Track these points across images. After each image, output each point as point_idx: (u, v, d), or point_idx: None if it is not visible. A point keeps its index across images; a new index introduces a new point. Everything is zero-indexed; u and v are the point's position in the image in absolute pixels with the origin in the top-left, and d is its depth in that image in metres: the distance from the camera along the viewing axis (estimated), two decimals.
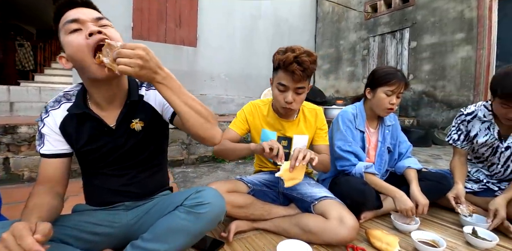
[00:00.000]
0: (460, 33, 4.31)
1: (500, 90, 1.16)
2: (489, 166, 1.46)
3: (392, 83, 1.31)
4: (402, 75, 1.34)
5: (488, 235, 1.13)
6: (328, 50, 6.48)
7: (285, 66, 1.09)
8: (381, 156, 1.46)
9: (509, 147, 1.34)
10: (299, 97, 1.17)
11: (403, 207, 1.19)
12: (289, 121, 1.32)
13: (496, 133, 1.36)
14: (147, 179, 0.98)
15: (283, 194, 1.35)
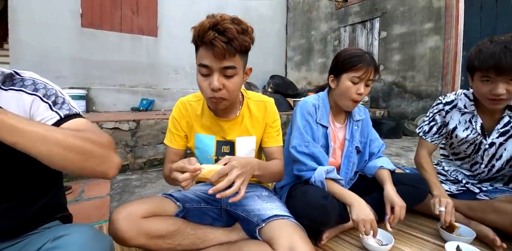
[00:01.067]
0: (428, 23, 4.23)
1: (478, 62, 1.00)
2: (471, 165, 1.26)
3: (358, 68, 1.05)
4: (371, 58, 1.08)
5: None
6: (300, 41, 6.25)
7: (201, 38, 0.78)
8: (348, 157, 1.21)
9: (494, 143, 1.15)
10: (230, 82, 0.84)
11: (360, 217, 0.94)
12: (229, 120, 1.01)
13: (479, 127, 1.16)
14: (10, 212, 0.65)
15: (226, 211, 1.05)
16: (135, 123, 2.25)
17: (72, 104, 0.68)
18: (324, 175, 1.03)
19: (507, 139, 1.12)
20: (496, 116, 1.13)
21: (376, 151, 1.27)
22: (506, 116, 1.11)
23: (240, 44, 0.79)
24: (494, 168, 1.19)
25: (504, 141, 1.13)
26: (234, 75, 0.84)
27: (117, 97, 4.44)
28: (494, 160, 1.17)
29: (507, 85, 0.97)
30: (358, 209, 0.96)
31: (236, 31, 0.78)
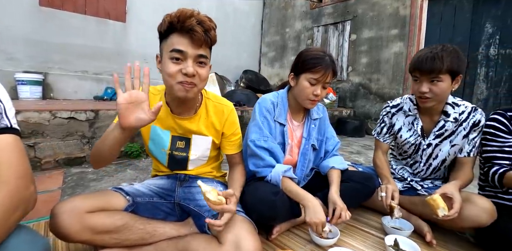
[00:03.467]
0: (394, 29, 4.47)
1: (411, 64, 1.16)
2: (411, 164, 1.38)
3: (317, 70, 1.08)
4: (331, 60, 1.12)
5: (410, 246, 1.00)
6: (274, 37, 6.27)
7: (181, 24, 0.80)
8: (304, 155, 1.25)
9: (431, 144, 1.26)
10: (203, 70, 0.86)
11: (313, 220, 0.99)
12: (184, 118, 1.00)
13: (419, 129, 1.27)
14: None
15: (179, 205, 1.05)
16: (93, 113, 2.13)
17: (8, 113, 0.59)
18: (281, 176, 1.06)
19: (442, 141, 1.24)
20: (434, 119, 1.25)
21: (330, 149, 1.32)
22: (442, 120, 1.22)
23: (213, 38, 0.86)
24: (431, 167, 1.31)
25: (439, 142, 1.25)
26: (206, 64, 0.88)
27: (78, 84, 4.15)
28: (431, 160, 1.29)
29: (430, 85, 1.10)
30: (312, 211, 1.00)
31: (209, 27, 0.84)
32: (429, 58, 1.07)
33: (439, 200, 0.99)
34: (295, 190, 1.07)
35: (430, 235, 1.12)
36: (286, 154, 1.24)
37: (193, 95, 0.89)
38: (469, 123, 1.18)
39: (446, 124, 1.22)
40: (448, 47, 1.08)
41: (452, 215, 0.97)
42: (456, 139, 1.21)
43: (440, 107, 1.21)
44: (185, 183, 1.10)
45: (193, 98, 0.93)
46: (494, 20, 3.82)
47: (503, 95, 3.71)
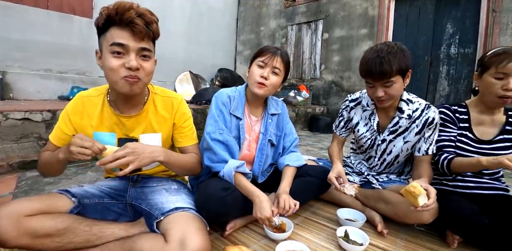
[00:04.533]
0: (364, 29, 4.62)
1: (360, 67, 1.17)
2: (368, 158, 1.43)
3: (264, 54, 1.14)
4: (283, 52, 1.17)
5: (360, 237, 1.04)
6: (249, 35, 6.28)
7: (119, 16, 0.78)
8: (261, 150, 1.26)
9: (385, 140, 1.30)
10: (147, 63, 0.85)
11: (258, 215, 1.00)
12: (131, 116, 0.97)
13: (375, 124, 1.31)
14: None
15: (131, 205, 1.02)
16: (50, 113, 2.02)
17: None
18: (233, 172, 1.06)
19: (396, 137, 1.27)
20: (389, 115, 1.28)
21: (288, 145, 1.34)
22: (396, 117, 1.25)
23: (155, 31, 0.85)
24: (385, 162, 1.35)
25: (393, 138, 1.28)
26: (150, 58, 0.86)
27: (42, 83, 3.92)
28: (385, 155, 1.33)
29: (384, 88, 1.11)
30: (259, 207, 1.00)
31: (151, 20, 0.83)
32: (377, 64, 1.06)
33: (419, 187, 0.96)
34: (245, 186, 1.07)
35: (381, 225, 1.16)
36: (244, 149, 1.25)
37: (139, 90, 0.87)
38: (421, 121, 1.21)
39: (400, 120, 1.24)
40: (393, 48, 1.08)
41: (430, 204, 0.96)
42: (409, 135, 1.24)
43: (395, 103, 1.25)
44: (138, 184, 1.07)
45: (138, 93, 0.91)
46: (454, 21, 4.05)
47: (463, 91, 3.95)
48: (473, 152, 1.14)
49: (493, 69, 1.05)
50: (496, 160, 0.94)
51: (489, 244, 1.00)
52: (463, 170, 1.12)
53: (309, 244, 1.04)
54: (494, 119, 1.16)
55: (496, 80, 1.05)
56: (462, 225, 1.01)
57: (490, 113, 1.16)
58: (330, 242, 1.07)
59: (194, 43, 5.56)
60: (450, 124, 1.20)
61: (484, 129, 1.17)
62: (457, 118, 1.20)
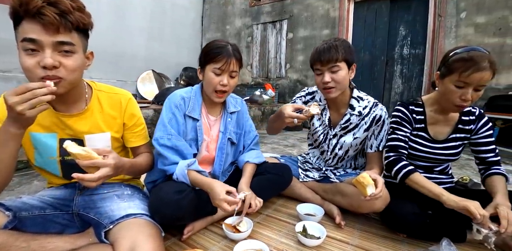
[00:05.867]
0: (326, 30, 4.78)
1: (311, 57, 1.23)
2: (322, 153, 1.47)
3: (219, 59, 1.06)
4: (234, 49, 1.11)
5: (318, 230, 1.07)
6: (215, 34, 6.18)
7: (24, 7, 0.67)
8: (221, 149, 1.23)
9: (336, 135, 1.36)
10: (69, 59, 0.74)
11: (216, 201, 0.96)
12: (72, 114, 0.89)
13: (327, 120, 1.35)
14: None
15: (79, 215, 0.94)
16: None
17: None
18: (185, 170, 1.02)
19: (346, 133, 1.33)
20: (341, 111, 1.33)
21: (248, 143, 1.33)
22: (348, 114, 1.30)
23: (77, 20, 0.73)
24: (337, 156, 1.41)
25: (344, 134, 1.34)
26: (73, 53, 0.75)
27: None
28: (337, 149, 1.38)
29: (331, 74, 1.17)
30: (213, 194, 0.97)
31: (71, 7, 0.71)
32: (326, 48, 1.15)
33: (368, 177, 0.99)
34: (200, 180, 1.03)
35: (339, 217, 1.21)
36: (203, 150, 1.21)
37: (63, 89, 0.77)
38: (370, 118, 1.27)
39: (351, 117, 1.30)
40: (340, 39, 1.19)
41: (378, 193, 0.98)
42: (359, 132, 1.30)
43: (346, 100, 1.29)
44: (86, 191, 0.99)
45: (66, 93, 0.80)
46: (406, 24, 4.35)
47: (414, 88, 4.27)
48: (426, 152, 1.17)
49: (455, 76, 0.98)
50: (461, 205, 0.91)
51: (431, 237, 1.07)
52: (417, 189, 1.06)
53: (269, 242, 1.05)
54: (448, 118, 1.17)
55: (456, 88, 0.99)
56: (404, 226, 1.09)
57: (445, 112, 1.16)
58: (290, 238, 1.08)
59: (157, 40, 5.34)
60: (406, 123, 1.19)
61: (438, 128, 1.18)
62: (414, 118, 1.19)
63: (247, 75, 5.73)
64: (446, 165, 1.25)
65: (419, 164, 1.22)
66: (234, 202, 0.94)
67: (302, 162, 1.56)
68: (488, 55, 0.95)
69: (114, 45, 4.67)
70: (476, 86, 0.97)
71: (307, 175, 1.47)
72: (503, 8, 3.71)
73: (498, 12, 3.74)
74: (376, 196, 0.99)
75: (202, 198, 1.04)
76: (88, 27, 0.79)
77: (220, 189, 0.95)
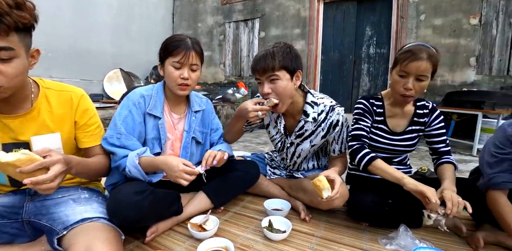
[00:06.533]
0: (297, 29, 4.87)
1: (251, 67, 1.16)
2: (282, 159, 1.47)
3: (177, 52, 1.04)
4: (195, 43, 1.09)
5: (284, 224, 1.09)
6: (186, 31, 6.05)
7: None
8: (186, 148, 1.21)
9: (293, 143, 1.31)
10: (9, 66, 0.67)
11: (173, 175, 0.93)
12: (17, 115, 0.82)
13: (282, 128, 1.30)
14: None
15: (30, 223, 0.87)
16: None
17: None
18: (136, 160, 0.97)
19: (303, 140, 1.28)
20: (296, 118, 1.27)
21: (216, 139, 1.32)
22: (302, 121, 1.24)
23: (16, 21, 0.65)
24: (296, 164, 1.40)
25: (301, 142, 1.29)
26: (12, 58, 0.68)
27: None
28: (295, 158, 1.37)
29: (271, 85, 1.10)
30: (170, 167, 0.94)
31: (7, 5, 0.63)
32: (261, 56, 1.07)
33: (324, 181, 1.01)
34: (152, 160, 0.99)
35: (304, 212, 1.23)
36: (167, 149, 1.18)
37: (4, 95, 0.72)
38: (327, 124, 1.22)
39: (306, 124, 1.24)
40: (279, 44, 1.11)
41: (334, 195, 1.00)
42: (316, 139, 1.26)
43: (299, 106, 1.23)
44: (38, 197, 0.92)
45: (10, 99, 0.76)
46: (372, 25, 4.55)
47: (380, 86, 4.49)
48: (385, 144, 1.22)
49: (398, 67, 1.06)
50: (419, 188, 0.95)
51: (391, 225, 1.13)
52: (379, 175, 1.10)
53: (235, 239, 1.05)
54: (405, 111, 1.21)
55: (399, 77, 1.07)
56: (365, 215, 1.14)
57: (401, 105, 1.19)
58: (257, 234, 1.09)
59: (124, 37, 5.12)
60: (368, 114, 1.22)
61: (396, 121, 1.23)
62: (374, 111, 1.23)
63: (220, 74, 5.68)
64: (404, 156, 1.31)
65: (379, 155, 1.25)
66: (193, 173, 0.93)
67: (270, 160, 1.57)
68: (427, 49, 1.02)
69: (76, 42, 4.41)
70: (416, 76, 1.04)
71: (274, 173, 1.49)
72: (457, 11, 4.00)
73: (453, 15, 4.03)
74: (333, 198, 1.00)
75: (166, 198, 1.02)
76: (32, 25, 0.71)
77: (177, 161, 0.94)
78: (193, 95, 1.26)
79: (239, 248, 0.99)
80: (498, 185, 0.99)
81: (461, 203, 0.93)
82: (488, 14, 3.90)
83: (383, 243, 1.05)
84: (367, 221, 1.17)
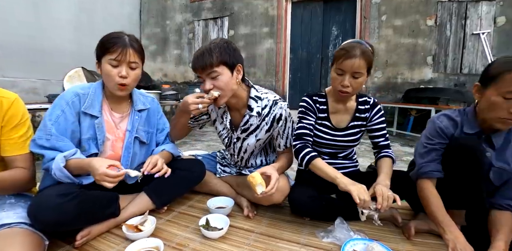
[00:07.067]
0: (265, 28, 4.90)
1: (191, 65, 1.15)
2: (230, 155, 1.47)
3: (114, 50, 1.00)
4: (133, 40, 1.05)
5: (223, 222, 1.09)
6: (155, 29, 5.90)
7: None
8: (128, 149, 1.17)
9: (239, 138, 1.31)
10: None
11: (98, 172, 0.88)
12: None
13: (228, 123, 1.29)
14: None
15: None
16: None
17: None
18: (62, 163, 0.93)
19: (248, 135, 1.28)
20: (241, 113, 1.26)
21: (162, 140, 1.30)
22: (247, 115, 1.23)
23: None
24: (244, 159, 1.40)
25: (246, 137, 1.28)
26: None
27: None
28: (242, 153, 1.35)
29: (212, 81, 1.09)
30: (93, 170, 0.90)
31: None
32: (199, 54, 1.07)
33: (258, 177, 1.02)
34: (79, 162, 0.95)
35: (247, 209, 1.25)
36: (107, 149, 1.14)
37: None
38: (270, 118, 1.22)
39: (251, 119, 1.24)
40: (216, 40, 1.11)
41: (269, 191, 1.01)
42: (260, 133, 1.26)
43: (244, 101, 1.23)
44: None
45: None
46: (338, 24, 4.68)
47: None
48: (330, 139, 1.25)
49: (335, 65, 1.10)
50: (346, 189, 0.99)
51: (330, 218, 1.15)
52: (318, 173, 1.12)
53: (172, 238, 1.04)
54: (348, 107, 1.24)
55: (337, 75, 1.10)
56: (302, 209, 1.17)
57: (343, 101, 1.22)
58: (196, 233, 1.09)
59: (87, 34, 4.88)
60: (311, 112, 1.24)
61: (339, 117, 1.25)
62: (317, 108, 1.25)
63: (189, 73, 5.59)
64: (349, 151, 1.35)
65: (325, 151, 1.30)
66: (117, 176, 0.89)
67: (221, 158, 1.57)
68: (360, 46, 1.06)
69: (33, 40, 4.15)
70: (351, 73, 1.07)
71: (224, 170, 1.49)
72: (415, 12, 4.21)
73: (412, 16, 4.23)
74: (268, 193, 1.02)
75: (99, 200, 0.98)
76: None
77: (100, 163, 0.89)
78: (136, 93, 1.23)
79: (174, 248, 0.98)
80: (426, 174, 1.04)
81: (391, 197, 0.96)
82: (442, 16, 4.15)
83: (321, 237, 1.08)
84: (306, 216, 1.21)
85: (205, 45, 1.10)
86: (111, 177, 0.88)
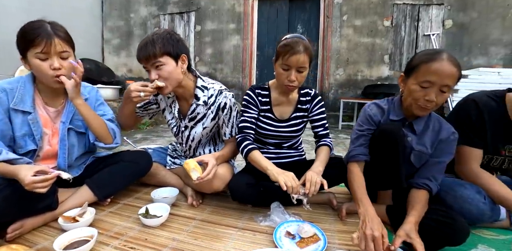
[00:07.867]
0: (232, 24, 4.92)
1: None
2: (179, 144, 1.50)
3: (37, 43, 0.96)
4: (56, 28, 1.02)
5: (163, 210, 1.12)
6: (118, 22, 5.68)
7: None
8: (63, 141, 1.15)
9: (187, 126, 1.34)
10: None
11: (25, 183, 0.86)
12: None
13: (176, 112, 1.32)
14: None
15: None
16: None
17: None
18: None
19: (196, 123, 1.32)
20: (189, 102, 1.30)
21: None
22: (194, 104, 1.28)
23: None
24: (192, 148, 1.43)
25: (194, 125, 1.32)
26: None
27: None
28: (190, 141, 1.39)
29: (157, 71, 1.12)
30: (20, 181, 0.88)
31: None
32: (143, 45, 1.10)
33: (191, 163, 1.06)
34: (3, 169, 0.93)
35: (191, 198, 1.29)
36: (45, 145, 1.12)
37: None
38: (215, 107, 1.27)
39: (198, 108, 1.28)
40: (159, 31, 1.15)
41: (205, 177, 1.06)
42: (207, 121, 1.30)
43: (191, 91, 1.26)
44: None
45: None
46: (303, 23, 4.82)
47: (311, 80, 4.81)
48: (273, 131, 1.31)
49: (280, 60, 1.12)
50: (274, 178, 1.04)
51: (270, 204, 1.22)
52: (253, 165, 1.18)
53: (111, 228, 1.05)
54: (290, 99, 1.29)
55: (283, 71, 1.13)
56: (240, 197, 1.23)
57: (286, 94, 1.26)
58: (137, 222, 1.11)
59: None
60: (253, 106, 1.28)
61: (282, 108, 1.30)
62: (260, 101, 1.29)
63: None
64: (294, 141, 1.41)
65: (270, 141, 1.36)
66: (46, 180, 0.89)
67: (172, 150, 1.59)
68: (303, 41, 1.11)
69: None
70: (297, 68, 1.12)
71: (175, 162, 1.51)
72: (373, 14, 4.45)
73: (370, 17, 4.47)
74: (204, 179, 1.07)
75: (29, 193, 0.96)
76: None
77: (24, 173, 0.87)
78: None
79: (111, 237, 0.99)
80: (353, 157, 1.12)
81: (318, 182, 1.03)
82: (398, 17, 4.43)
83: (259, 221, 1.15)
84: (246, 202, 1.27)
85: (148, 36, 1.13)
86: (40, 182, 0.87)
